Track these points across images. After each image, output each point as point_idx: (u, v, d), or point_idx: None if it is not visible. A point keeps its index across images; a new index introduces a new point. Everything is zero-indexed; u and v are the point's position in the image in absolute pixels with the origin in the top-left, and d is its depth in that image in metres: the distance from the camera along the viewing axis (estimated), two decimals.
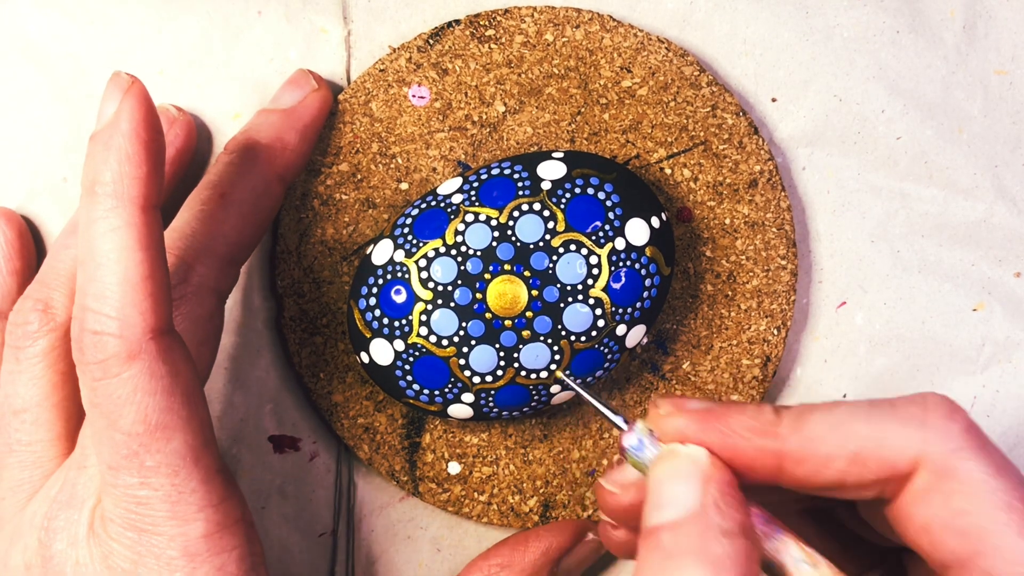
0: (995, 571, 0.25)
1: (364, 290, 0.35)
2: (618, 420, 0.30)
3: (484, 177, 0.35)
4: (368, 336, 0.35)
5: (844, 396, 0.39)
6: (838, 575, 0.27)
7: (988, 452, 0.26)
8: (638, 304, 0.34)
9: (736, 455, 0.27)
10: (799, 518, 0.32)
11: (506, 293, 0.34)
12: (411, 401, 0.35)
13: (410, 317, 0.34)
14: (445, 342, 0.34)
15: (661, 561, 0.25)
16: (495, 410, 0.35)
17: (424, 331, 0.34)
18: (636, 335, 0.35)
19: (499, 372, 0.34)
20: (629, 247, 0.34)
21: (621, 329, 0.34)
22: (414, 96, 0.37)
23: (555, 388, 0.35)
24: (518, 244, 0.34)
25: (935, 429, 0.26)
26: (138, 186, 0.29)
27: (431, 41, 0.37)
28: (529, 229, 0.34)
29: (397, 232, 0.35)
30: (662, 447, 0.28)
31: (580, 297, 0.34)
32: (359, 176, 0.37)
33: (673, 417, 0.28)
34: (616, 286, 0.34)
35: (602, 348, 0.34)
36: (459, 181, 0.35)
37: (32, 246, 0.37)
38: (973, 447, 0.26)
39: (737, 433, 0.27)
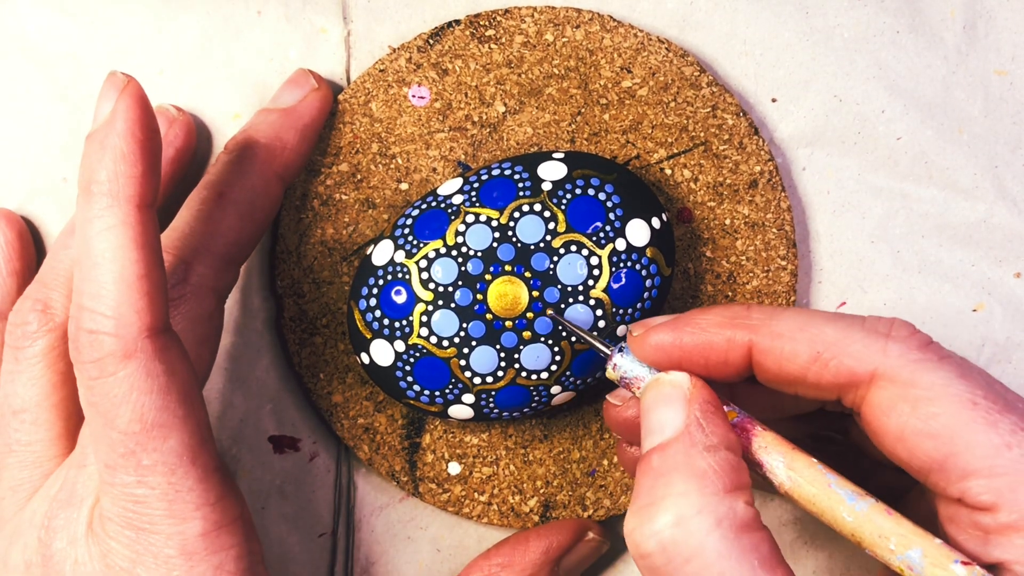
0: (970, 467, 0.26)
1: (364, 291, 0.35)
2: (603, 347, 0.32)
3: (484, 178, 0.35)
4: (368, 337, 0.35)
5: None
6: (811, 464, 0.28)
7: (949, 360, 0.27)
8: (639, 305, 0.34)
9: (711, 350, 0.29)
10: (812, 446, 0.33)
11: (507, 294, 0.34)
12: (411, 402, 0.35)
13: (410, 318, 0.34)
14: (446, 343, 0.34)
15: (652, 481, 0.27)
16: (495, 411, 0.35)
17: (425, 332, 0.34)
18: None
19: (500, 373, 0.34)
20: (630, 248, 0.34)
21: (622, 329, 0.34)
22: (414, 96, 0.37)
23: (555, 389, 0.35)
24: (519, 245, 0.34)
25: (897, 341, 0.28)
26: (133, 185, 0.29)
27: (431, 41, 0.37)
28: (530, 230, 0.34)
29: (397, 233, 0.35)
30: (645, 367, 0.31)
31: (581, 298, 0.34)
32: (359, 176, 0.37)
33: (648, 334, 0.30)
34: (616, 287, 0.34)
35: None
36: (459, 182, 0.35)
37: (32, 247, 0.37)
38: (934, 358, 0.27)
39: (708, 329, 0.30)
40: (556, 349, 0.34)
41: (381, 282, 0.34)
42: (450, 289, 0.34)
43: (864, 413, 0.28)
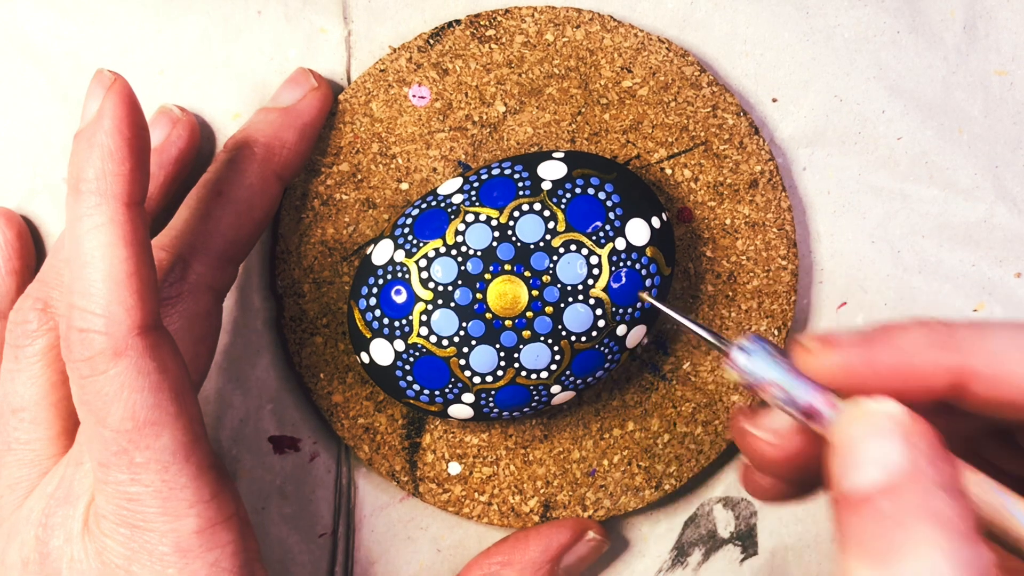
0: None
1: (364, 290, 0.35)
2: (718, 343, 0.29)
3: (484, 177, 0.35)
4: (368, 336, 0.35)
5: None
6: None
7: None
8: (638, 304, 0.34)
9: (912, 375, 0.26)
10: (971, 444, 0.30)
11: (506, 293, 0.34)
12: (411, 401, 0.35)
13: (410, 317, 0.34)
14: (445, 342, 0.34)
15: (887, 528, 0.24)
16: (495, 410, 0.35)
17: (424, 331, 0.34)
18: (636, 335, 0.35)
19: (499, 372, 0.34)
20: (629, 247, 0.34)
21: (621, 329, 0.34)
22: (414, 96, 0.37)
23: (555, 388, 0.35)
24: (518, 244, 0.34)
25: None
26: (121, 183, 0.29)
27: (431, 41, 0.37)
28: (529, 229, 0.34)
29: (397, 232, 0.35)
30: (781, 370, 0.27)
31: (580, 297, 0.34)
32: (359, 176, 0.37)
33: (829, 350, 0.27)
34: (616, 286, 0.34)
35: (602, 348, 0.34)
36: (459, 181, 0.35)
37: (31, 246, 0.37)
38: None
39: (910, 350, 0.26)
40: (556, 348, 0.34)
41: (381, 282, 0.34)
42: (450, 288, 0.34)
43: None
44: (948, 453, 0.25)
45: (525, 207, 0.34)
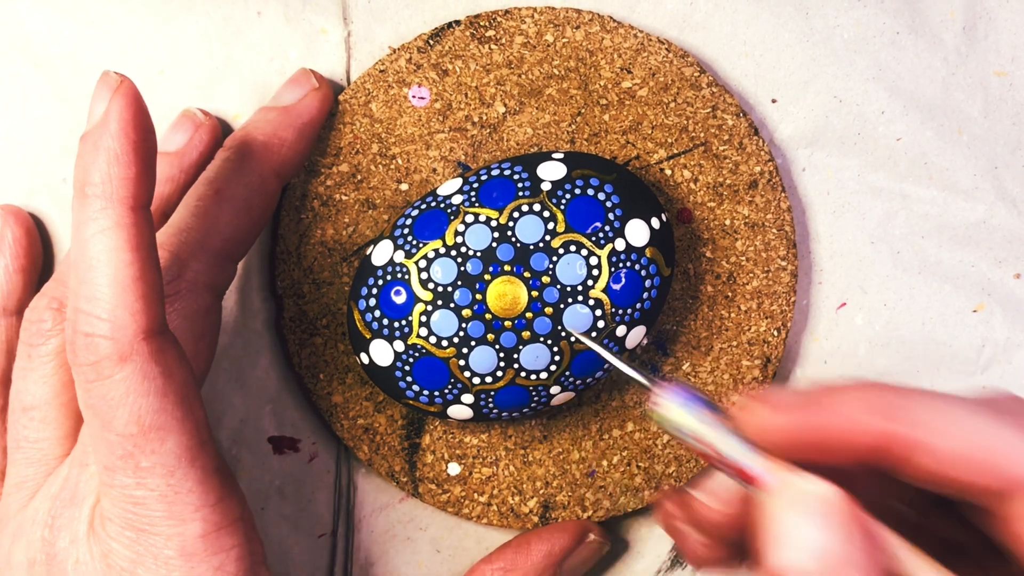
0: None
1: (364, 291, 0.35)
2: (644, 380, 0.28)
3: (484, 178, 0.35)
4: (368, 337, 0.35)
5: None
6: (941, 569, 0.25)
7: None
8: (638, 305, 0.34)
9: (841, 440, 0.26)
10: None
11: (506, 294, 0.34)
12: (411, 402, 0.35)
13: (410, 318, 0.34)
14: (445, 343, 0.34)
15: None
16: (495, 411, 0.35)
17: (424, 332, 0.34)
18: (636, 336, 0.35)
19: (499, 373, 0.34)
20: (629, 248, 0.34)
21: (621, 330, 0.34)
22: (414, 97, 0.37)
23: (555, 389, 0.35)
24: (518, 245, 0.34)
25: None
26: (127, 186, 0.29)
27: (431, 42, 0.37)
28: (529, 230, 0.34)
29: (397, 233, 0.35)
30: (709, 421, 0.26)
31: (580, 298, 0.34)
32: (359, 177, 0.37)
33: (762, 411, 0.26)
34: (616, 287, 0.34)
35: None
36: (459, 182, 0.35)
37: (39, 244, 0.37)
38: None
39: (842, 416, 0.26)
40: (555, 349, 0.34)
41: (381, 282, 0.34)
42: (449, 289, 0.34)
43: (1005, 517, 0.25)
44: (881, 540, 0.25)
45: (525, 208, 0.34)
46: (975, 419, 0.25)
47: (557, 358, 0.34)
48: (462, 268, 0.34)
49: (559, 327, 0.34)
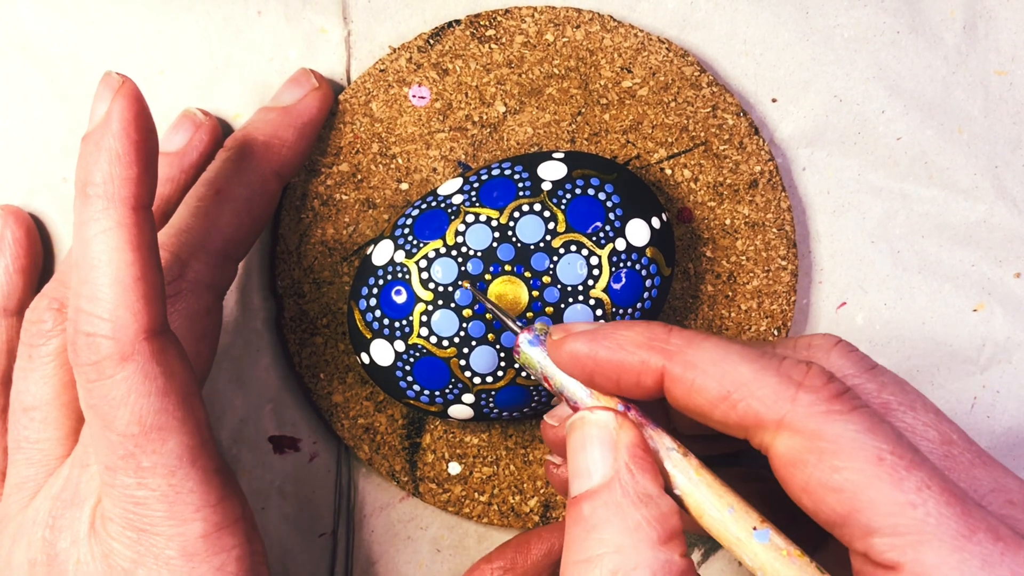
0: (874, 524, 0.25)
1: (364, 291, 0.35)
2: (514, 324, 0.31)
3: (484, 178, 0.35)
4: (368, 337, 0.35)
5: None
6: (699, 467, 0.28)
7: (859, 412, 0.26)
8: (639, 305, 0.34)
9: (624, 369, 0.28)
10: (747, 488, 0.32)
11: (507, 294, 0.34)
12: (411, 402, 0.35)
13: (410, 318, 0.34)
14: (445, 343, 0.34)
15: (584, 532, 0.26)
16: (495, 410, 0.35)
17: (424, 332, 0.34)
18: None
19: (499, 373, 0.34)
20: (630, 248, 0.34)
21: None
22: (414, 96, 0.37)
23: None
24: (519, 245, 0.34)
25: (808, 391, 0.26)
26: (129, 187, 0.29)
27: (431, 41, 0.37)
28: (529, 230, 0.34)
29: (397, 233, 0.35)
30: (546, 357, 0.29)
31: (581, 298, 0.34)
32: (359, 176, 0.37)
33: (566, 340, 0.29)
34: (617, 287, 0.34)
35: None
36: (459, 182, 0.35)
37: (39, 244, 0.37)
38: (844, 409, 0.26)
39: (625, 347, 0.28)
40: None
41: (381, 282, 0.34)
42: (450, 289, 0.34)
43: (772, 461, 0.27)
44: (651, 459, 0.28)
45: (525, 207, 0.34)
46: (738, 361, 0.27)
47: None
48: (463, 268, 0.34)
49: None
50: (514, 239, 0.34)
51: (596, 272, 0.34)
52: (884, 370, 0.29)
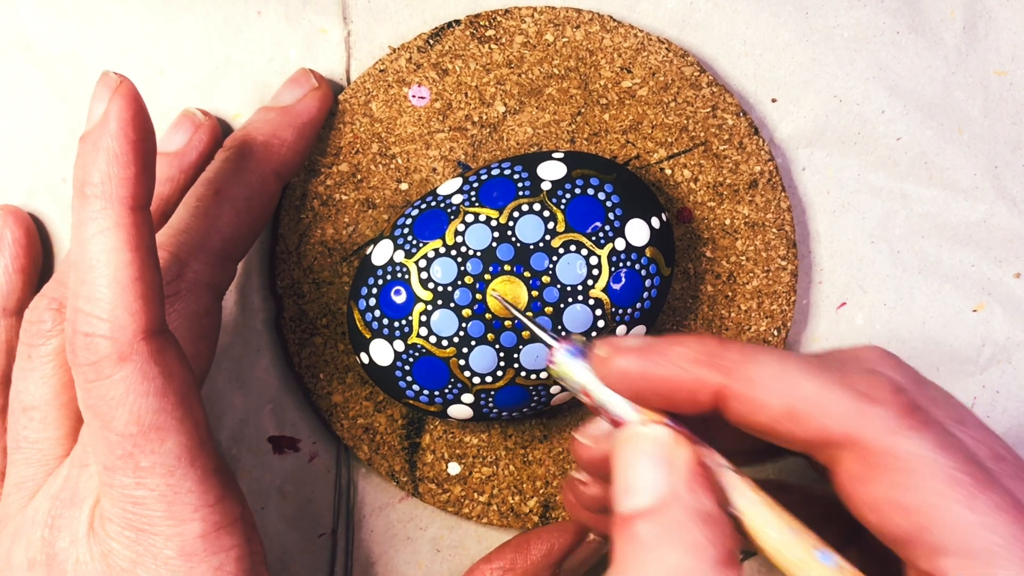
0: (944, 544, 0.24)
1: (364, 291, 0.35)
2: (548, 337, 0.30)
3: (484, 177, 0.35)
4: (368, 337, 0.35)
5: None
6: (754, 486, 0.27)
7: (930, 428, 0.25)
8: (638, 305, 0.34)
9: (679, 387, 0.27)
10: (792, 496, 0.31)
11: (506, 294, 0.34)
12: (411, 402, 0.35)
13: (410, 318, 0.34)
14: (445, 342, 0.34)
15: (640, 552, 0.25)
16: (495, 411, 0.35)
17: (424, 332, 0.34)
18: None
19: (499, 373, 0.34)
20: (629, 248, 0.34)
21: (621, 330, 0.34)
22: (414, 96, 0.37)
23: (555, 388, 0.35)
24: (518, 245, 0.34)
25: (878, 404, 0.26)
26: (127, 186, 0.29)
27: (431, 41, 0.37)
28: (529, 230, 0.34)
29: (397, 232, 0.35)
30: (589, 372, 0.28)
31: (580, 298, 0.34)
32: (359, 176, 0.37)
33: (614, 357, 0.28)
34: (616, 287, 0.34)
35: None
36: (459, 181, 0.35)
37: (38, 244, 0.37)
38: (915, 425, 0.25)
39: (680, 363, 0.27)
40: None
41: (381, 282, 0.34)
42: (449, 289, 0.34)
43: (836, 475, 0.26)
44: (709, 477, 0.26)
45: (525, 207, 0.34)
46: (798, 375, 0.26)
47: None
48: (462, 268, 0.34)
49: (559, 327, 0.34)
50: (514, 239, 0.34)
51: (596, 272, 0.34)
52: (930, 383, 0.29)
